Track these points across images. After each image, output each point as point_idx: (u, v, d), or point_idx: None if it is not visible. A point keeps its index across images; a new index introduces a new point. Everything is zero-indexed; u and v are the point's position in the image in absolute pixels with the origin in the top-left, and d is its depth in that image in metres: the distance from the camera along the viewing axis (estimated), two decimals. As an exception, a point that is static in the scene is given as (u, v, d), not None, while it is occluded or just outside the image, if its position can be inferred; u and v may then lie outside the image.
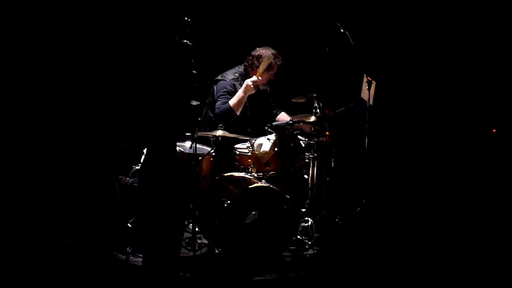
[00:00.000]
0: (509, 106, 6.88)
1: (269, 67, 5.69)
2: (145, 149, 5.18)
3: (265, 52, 5.68)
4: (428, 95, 7.02)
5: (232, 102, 5.54)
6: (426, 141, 7.03)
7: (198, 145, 5.10)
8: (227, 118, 5.50)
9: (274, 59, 5.70)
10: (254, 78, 5.57)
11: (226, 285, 4.76)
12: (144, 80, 4.83)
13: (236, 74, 5.76)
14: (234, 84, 5.67)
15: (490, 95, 6.99)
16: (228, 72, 5.77)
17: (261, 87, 5.87)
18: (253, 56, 5.69)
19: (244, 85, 5.55)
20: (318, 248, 5.43)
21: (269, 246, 5.08)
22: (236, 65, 5.99)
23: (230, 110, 5.51)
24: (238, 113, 5.48)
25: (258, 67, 5.71)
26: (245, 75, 5.76)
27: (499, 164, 6.77)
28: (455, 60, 7.01)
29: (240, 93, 5.55)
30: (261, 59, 5.68)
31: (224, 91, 5.64)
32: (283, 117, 6.16)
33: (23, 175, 5.80)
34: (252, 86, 5.53)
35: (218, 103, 5.63)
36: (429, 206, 6.54)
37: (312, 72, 6.54)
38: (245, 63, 5.77)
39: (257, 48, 5.75)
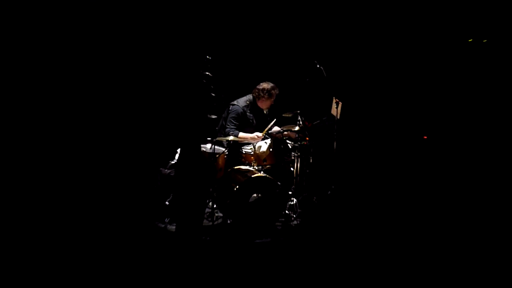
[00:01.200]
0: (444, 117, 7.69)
1: (270, 96, 6.47)
2: (179, 149, 5.97)
3: (267, 86, 6.46)
4: (379, 113, 7.91)
5: (241, 135, 6.31)
6: (377, 145, 7.88)
7: (215, 147, 5.86)
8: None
9: (274, 90, 6.48)
10: (261, 134, 6.31)
11: (235, 246, 5.42)
12: (179, 102, 5.51)
13: (247, 102, 6.51)
14: (244, 110, 6.45)
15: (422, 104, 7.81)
16: (241, 99, 6.53)
17: (265, 112, 6.64)
18: (259, 89, 6.46)
19: (255, 136, 6.29)
20: (300, 220, 6.25)
21: (265, 218, 5.90)
22: (240, 89, 6.73)
23: (236, 137, 6.25)
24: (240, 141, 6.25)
25: (263, 97, 6.45)
26: (253, 103, 6.53)
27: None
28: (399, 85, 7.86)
29: (249, 136, 6.31)
30: (265, 91, 6.44)
31: (235, 116, 6.39)
32: (275, 129, 6.71)
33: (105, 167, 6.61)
34: (258, 138, 6.29)
35: (229, 125, 6.36)
36: (381, 190, 7.24)
37: (297, 96, 6.98)
38: (253, 94, 6.52)
39: (261, 83, 6.50)
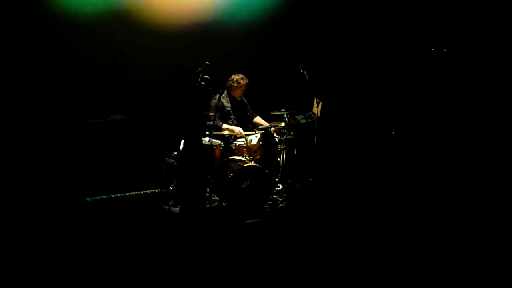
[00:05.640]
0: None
1: (238, 85, 6.72)
2: (181, 142, 6.12)
3: (235, 77, 6.73)
4: (351, 111, 8.17)
5: (225, 125, 6.58)
6: (351, 139, 8.10)
7: (213, 139, 6.09)
8: (216, 130, 6.40)
9: (243, 79, 6.73)
10: (243, 132, 6.50)
11: (229, 225, 5.72)
12: (184, 101, 5.85)
13: (220, 94, 6.51)
14: (222, 102, 6.72)
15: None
16: (216, 94, 6.53)
17: (238, 99, 6.86)
18: (229, 80, 6.78)
19: (238, 130, 6.52)
20: (285, 203, 6.58)
21: (255, 201, 6.21)
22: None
23: (220, 129, 6.50)
24: (222, 132, 6.41)
25: (233, 86, 6.71)
26: (228, 94, 6.82)
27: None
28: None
29: (233, 128, 6.57)
30: (234, 81, 6.71)
31: (213, 107, 6.55)
32: (258, 119, 7.06)
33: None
34: (240, 133, 6.51)
35: (211, 116, 6.44)
36: (355, 179, 7.49)
37: (283, 96, 7.29)
38: (226, 86, 6.80)
39: (232, 75, 6.76)
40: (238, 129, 6.64)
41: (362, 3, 8.13)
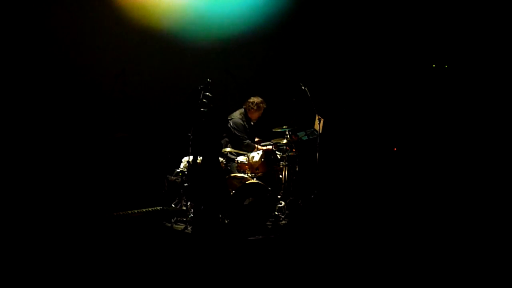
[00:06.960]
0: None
1: (258, 109, 6.82)
2: (183, 159, 6.24)
3: (256, 100, 6.82)
4: (353, 128, 8.30)
5: (259, 147, 6.72)
6: (355, 155, 8.21)
7: None
8: (250, 149, 6.63)
9: (262, 103, 6.86)
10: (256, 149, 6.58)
11: (231, 242, 5.69)
12: (188, 118, 5.97)
13: (241, 114, 6.86)
14: (242, 121, 6.80)
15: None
16: (235, 113, 6.88)
17: (253, 121, 6.97)
18: (249, 102, 6.86)
19: (264, 150, 6.55)
20: (288, 220, 6.59)
21: (258, 218, 6.18)
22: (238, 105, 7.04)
23: (254, 148, 6.65)
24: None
25: (252, 109, 6.77)
26: (245, 114, 6.89)
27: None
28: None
29: (261, 148, 6.67)
30: (254, 104, 6.79)
31: (241, 127, 6.72)
32: (257, 140, 7.18)
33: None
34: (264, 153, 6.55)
35: (243, 136, 6.66)
36: (357, 194, 7.57)
37: (285, 113, 7.28)
38: (244, 107, 6.91)
39: (251, 97, 6.89)
40: (263, 147, 6.70)
41: (362, 20, 8.24)
